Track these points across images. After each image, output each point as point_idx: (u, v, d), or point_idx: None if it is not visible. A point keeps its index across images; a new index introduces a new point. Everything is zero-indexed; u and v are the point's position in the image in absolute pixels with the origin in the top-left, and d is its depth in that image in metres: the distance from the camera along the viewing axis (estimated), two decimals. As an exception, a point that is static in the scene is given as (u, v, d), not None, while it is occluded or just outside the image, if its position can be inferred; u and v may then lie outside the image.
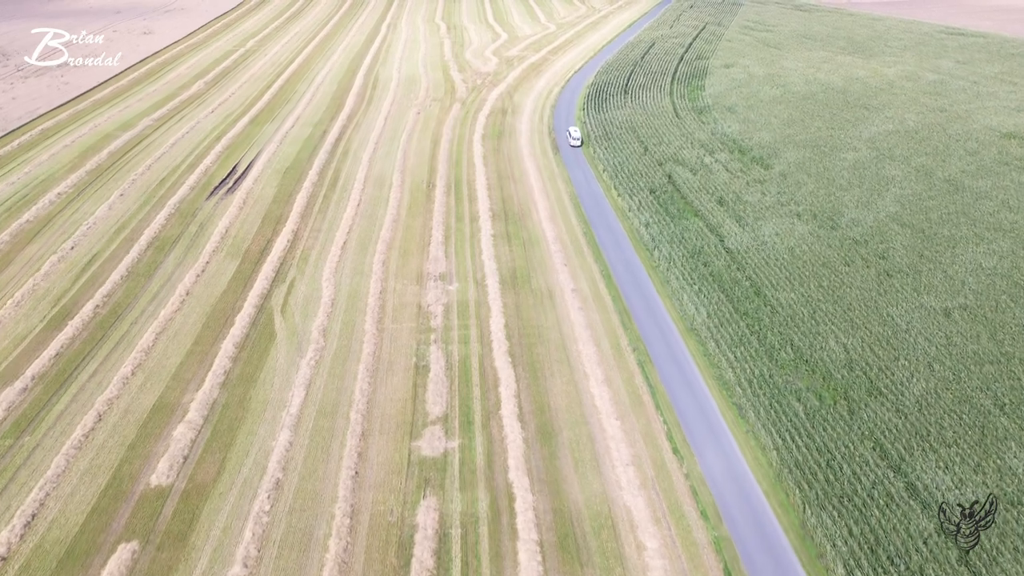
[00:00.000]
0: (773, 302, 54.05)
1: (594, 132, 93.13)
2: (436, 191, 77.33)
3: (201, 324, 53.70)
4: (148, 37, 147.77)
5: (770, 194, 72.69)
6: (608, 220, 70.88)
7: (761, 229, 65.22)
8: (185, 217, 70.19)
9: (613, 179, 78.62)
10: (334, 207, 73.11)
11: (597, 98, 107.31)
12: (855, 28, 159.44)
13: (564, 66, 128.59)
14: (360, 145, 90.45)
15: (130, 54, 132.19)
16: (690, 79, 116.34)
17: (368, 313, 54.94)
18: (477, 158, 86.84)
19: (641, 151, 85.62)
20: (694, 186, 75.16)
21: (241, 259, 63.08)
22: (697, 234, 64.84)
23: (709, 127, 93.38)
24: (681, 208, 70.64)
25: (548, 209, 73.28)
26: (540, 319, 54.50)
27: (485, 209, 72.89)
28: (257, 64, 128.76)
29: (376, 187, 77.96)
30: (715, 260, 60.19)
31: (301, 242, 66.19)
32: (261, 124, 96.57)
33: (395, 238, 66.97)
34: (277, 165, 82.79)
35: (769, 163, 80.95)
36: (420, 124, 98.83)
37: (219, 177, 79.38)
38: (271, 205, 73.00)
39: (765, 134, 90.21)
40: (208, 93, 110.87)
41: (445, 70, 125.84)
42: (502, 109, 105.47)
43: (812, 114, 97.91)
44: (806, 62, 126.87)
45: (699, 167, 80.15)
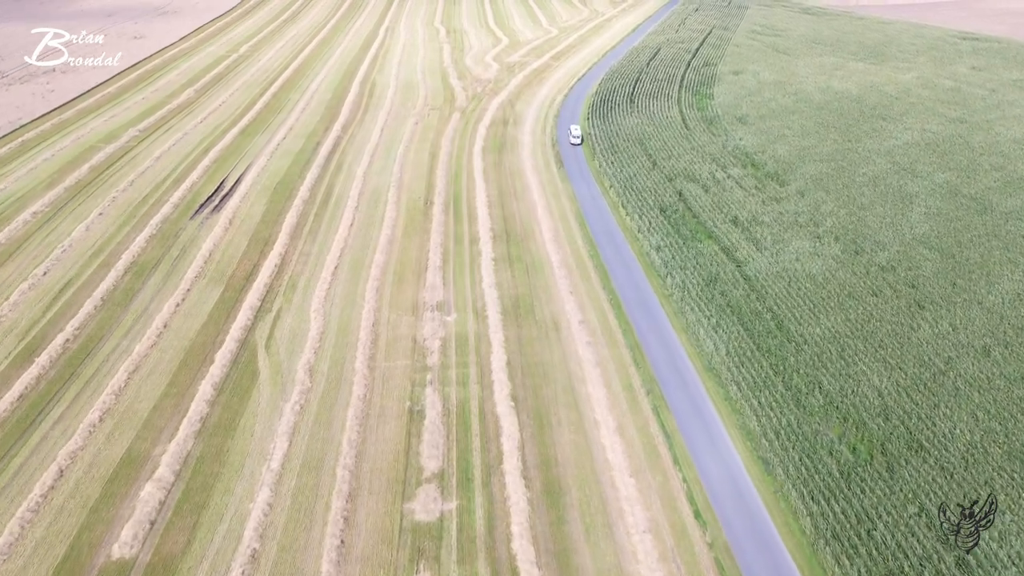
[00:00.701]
0: (797, 338, 49.93)
1: (600, 144, 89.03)
2: (434, 209, 73.22)
3: (178, 361, 49.59)
4: (139, 42, 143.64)
5: (788, 214, 68.56)
6: (616, 242, 66.76)
7: (780, 254, 61.10)
8: (167, 239, 66.08)
9: (620, 196, 74.50)
10: (325, 227, 69.01)
11: (602, 107, 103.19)
12: (865, 32, 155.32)
13: (567, 72, 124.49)
14: (354, 158, 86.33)
15: (119, 61, 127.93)
16: (698, 87, 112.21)
17: (359, 348, 50.83)
18: (477, 172, 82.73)
19: (649, 165, 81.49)
20: (707, 205, 71.03)
21: (224, 286, 58.98)
22: (712, 259, 60.72)
23: (720, 139, 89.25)
24: (694, 229, 66.51)
25: (552, 229, 69.18)
26: (545, 355, 50.40)
27: (486, 229, 68.79)
28: (250, 71, 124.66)
29: (370, 205, 73.84)
30: (732, 289, 56.06)
31: (289, 267, 62.09)
32: (252, 135, 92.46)
33: (390, 262, 62.86)
34: (267, 181, 78.66)
35: (785, 179, 76.81)
36: (418, 135, 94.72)
37: (205, 194, 75.24)
38: (259, 225, 68.88)
39: (779, 147, 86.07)
40: (198, 101, 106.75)
41: (444, 77, 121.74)
42: (503, 119, 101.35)
43: (827, 125, 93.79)
44: (818, 68, 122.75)
45: (711, 183, 76.01)
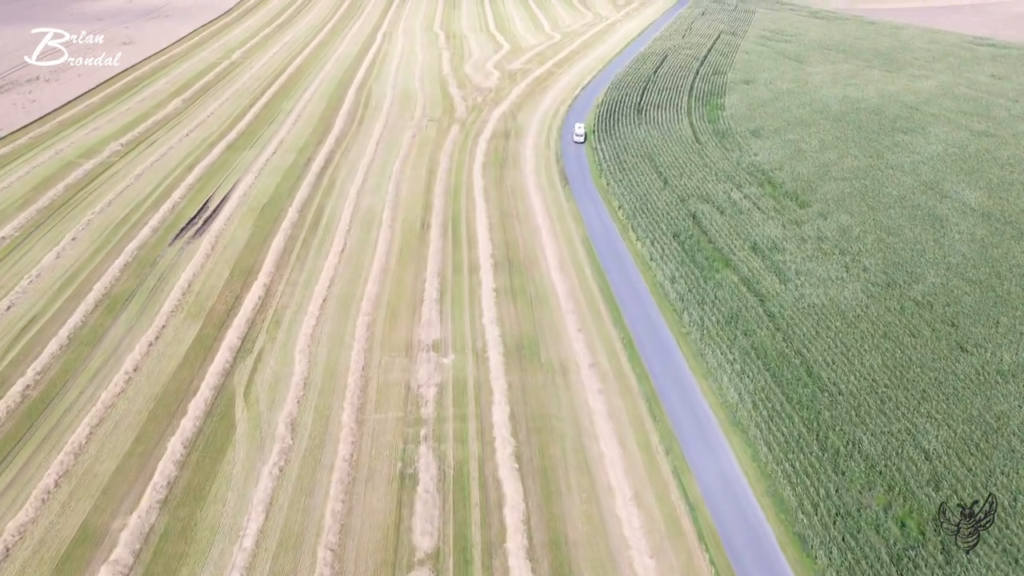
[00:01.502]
0: (830, 387, 45.23)
1: (607, 160, 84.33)
2: (431, 232, 68.55)
3: (147, 412, 44.95)
4: (128, 48, 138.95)
5: (810, 240, 63.86)
6: (627, 270, 62.07)
7: (805, 286, 56.39)
8: (143, 267, 61.42)
9: (630, 219, 69.81)
10: (314, 254, 64.34)
11: (608, 119, 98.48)
12: (878, 38, 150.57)
13: (571, 81, 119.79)
14: (348, 175, 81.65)
15: (106, 68, 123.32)
16: (708, 97, 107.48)
17: (347, 398, 46.18)
18: (477, 191, 78.05)
19: (660, 184, 76.77)
20: (723, 229, 66.33)
21: (203, 322, 54.33)
22: (732, 292, 56.01)
23: (734, 155, 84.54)
24: (710, 257, 61.81)
25: (558, 255, 64.50)
26: (552, 406, 45.73)
27: (486, 256, 64.12)
28: (242, 78, 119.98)
29: (363, 228, 69.15)
30: (756, 328, 51.35)
31: (274, 299, 57.43)
32: (240, 150, 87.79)
33: (383, 294, 58.19)
34: (253, 201, 73.98)
35: (805, 199, 72.11)
36: (415, 149, 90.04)
37: (187, 216, 70.57)
38: (243, 252, 64.20)
39: (797, 163, 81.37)
40: (185, 112, 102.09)
41: (443, 85, 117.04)
42: (504, 132, 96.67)
43: (846, 139, 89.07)
44: (832, 77, 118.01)
45: (727, 205, 71.31)
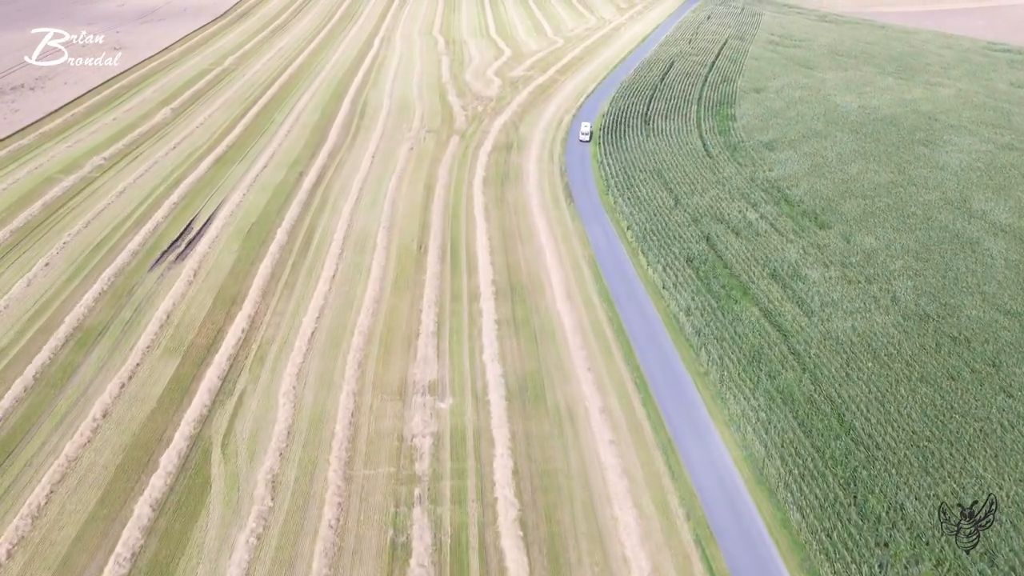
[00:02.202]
0: (866, 440, 41.09)
1: (613, 176, 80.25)
2: (429, 256, 64.47)
3: (114, 467, 40.90)
4: (118, 54, 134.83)
5: (834, 266, 59.72)
6: (638, 299, 57.94)
7: (831, 320, 52.25)
8: (120, 296, 57.34)
9: (640, 241, 65.68)
10: (304, 280, 60.25)
11: (614, 130, 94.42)
12: (890, 43, 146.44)
13: (575, 89, 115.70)
14: (341, 192, 77.57)
15: (93, 75, 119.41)
16: (718, 106, 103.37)
17: (334, 450, 42.09)
18: (478, 209, 73.94)
19: (671, 203, 72.63)
20: (740, 254, 62.20)
21: (181, 358, 50.28)
22: (753, 327, 51.86)
23: (747, 170, 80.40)
24: (728, 285, 57.68)
25: (564, 282, 60.38)
26: (560, 459, 41.61)
27: (487, 282, 60.03)
28: (234, 86, 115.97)
29: (357, 251, 65.07)
30: (781, 369, 47.21)
31: (259, 332, 53.34)
32: (228, 164, 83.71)
33: (376, 327, 54.10)
34: (241, 221, 69.88)
35: (825, 220, 67.96)
36: (412, 163, 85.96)
37: (169, 238, 66.50)
38: (227, 278, 60.11)
39: (814, 180, 77.21)
40: (173, 123, 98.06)
41: (442, 94, 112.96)
42: (506, 144, 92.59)
43: (864, 153, 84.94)
44: (845, 84, 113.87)
45: (742, 226, 67.18)
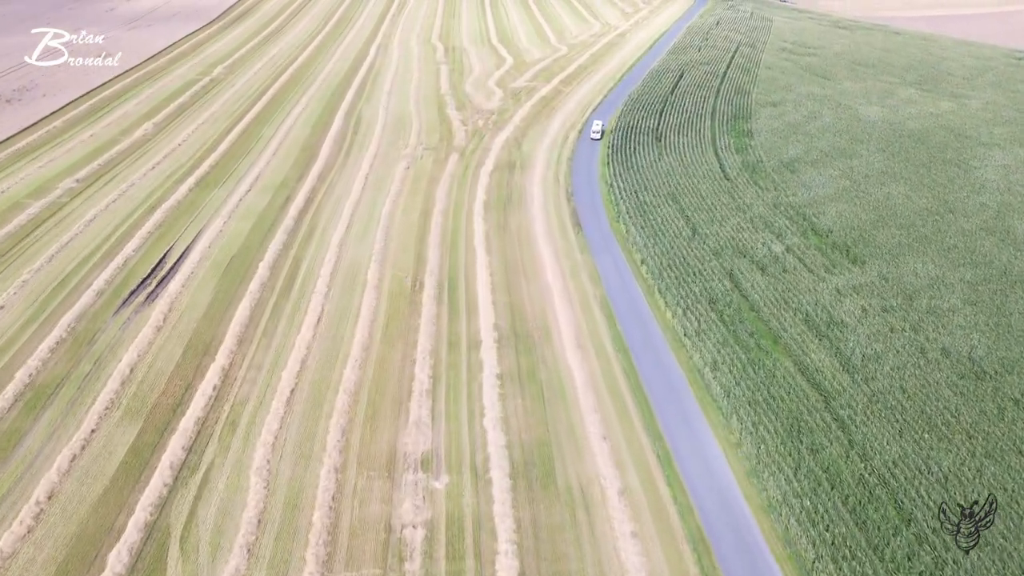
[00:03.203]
0: (931, 538, 35.15)
1: (624, 200, 74.39)
2: (424, 295, 58.62)
3: (55, 568, 35.08)
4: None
5: (873, 310, 53.79)
6: (657, 349, 52.06)
7: (876, 378, 46.35)
8: (80, 346, 51.49)
9: (656, 278, 59.82)
10: (285, 326, 54.39)
11: (624, 148, 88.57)
12: (908, 50, 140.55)
13: (580, 101, 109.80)
14: (330, 218, 71.69)
15: (74, 86, 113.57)
16: (733, 121, 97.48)
17: (311, 545, 36.26)
18: (478, 239, 68.05)
19: (688, 233, 66.75)
20: (767, 294, 56.31)
21: (143, 423, 44.48)
22: (789, 387, 45.95)
23: (769, 194, 74.48)
24: (756, 332, 51.78)
25: (573, 326, 54.51)
26: (574, 558, 35.73)
27: (488, 327, 54.19)
28: (221, 98, 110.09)
29: (345, 289, 59.22)
30: (825, 442, 41.30)
31: (233, 390, 47.51)
32: (210, 187, 77.84)
33: (363, 383, 48.25)
34: (219, 254, 64.00)
35: (858, 254, 62.05)
36: (408, 185, 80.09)
37: (140, 274, 60.64)
38: (201, 323, 54.25)
39: (842, 206, 71.30)
40: (154, 140, 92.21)
41: (441, 107, 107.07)
42: (509, 163, 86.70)
43: (893, 174, 79.04)
44: (865, 96, 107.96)
45: (768, 260, 61.30)
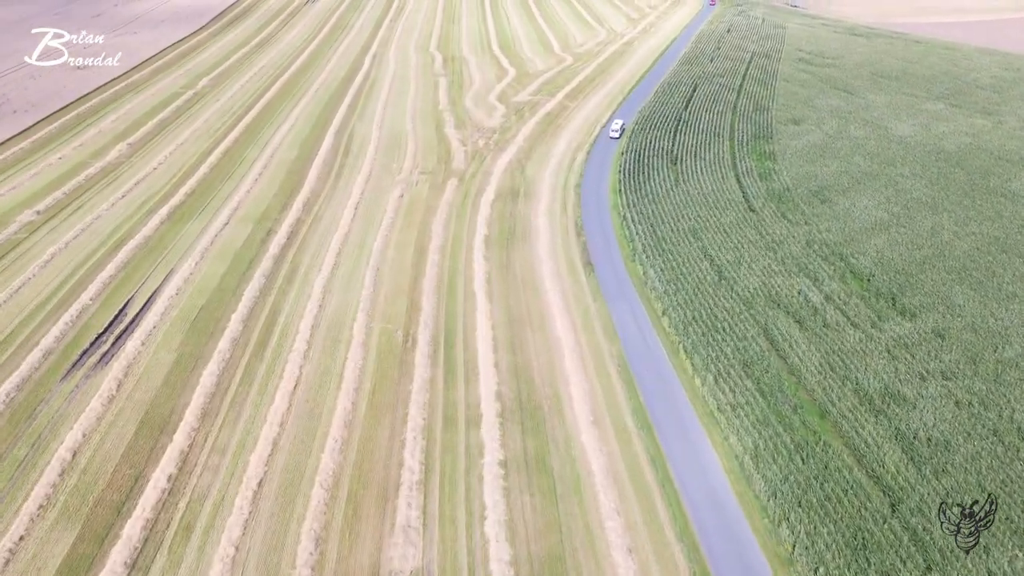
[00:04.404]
0: None
1: (640, 234, 67.39)
2: (417, 354, 51.61)
3: None
4: (81, 74, 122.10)
5: (933, 378, 46.71)
6: (686, 426, 44.96)
7: (948, 471, 39.27)
8: (17, 423, 44.50)
9: (680, 333, 52.78)
10: (257, 395, 47.38)
11: (636, 173, 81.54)
12: (930, 60, 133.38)
13: (588, 118, 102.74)
14: (315, 257, 64.68)
15: (49, 100, 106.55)
16: (753, 142, 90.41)
17: None
18: (478, 282, 61.02)
19: (714, 276, 59.72)
20: (809, 356, 49.24)
21: (81, 527, 37.68)
22: (845, 482, 38.89)
23: (800, 229, 67.42)
24: (801, 407, 44.74)
25: (588, 396, 47.47)
26: None
27: (490, 396, 47.20)
28: (204, 115, 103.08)
29: (327, 347, 52.19)
30: (898, 563, 34.18)
31: (191, 482, 40.55)
32: (184, 220, 70.83)
33: (343, 472, 41.27)
34: (187, 304, 56.96)
35: (907, 305, 54.96)
36: (402, 216, 73.04)
37: (95, 329, 53.64)
38: (159, 392, 47.25)
39: (881, 242, 64.25)
40: (129, 162, 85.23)
41: (439, 124, 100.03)
42: (512, 189, 79.65)
43: (933, 204, 71.96)
44: (892, 112, 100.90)
45: (806, 313, 54.24)
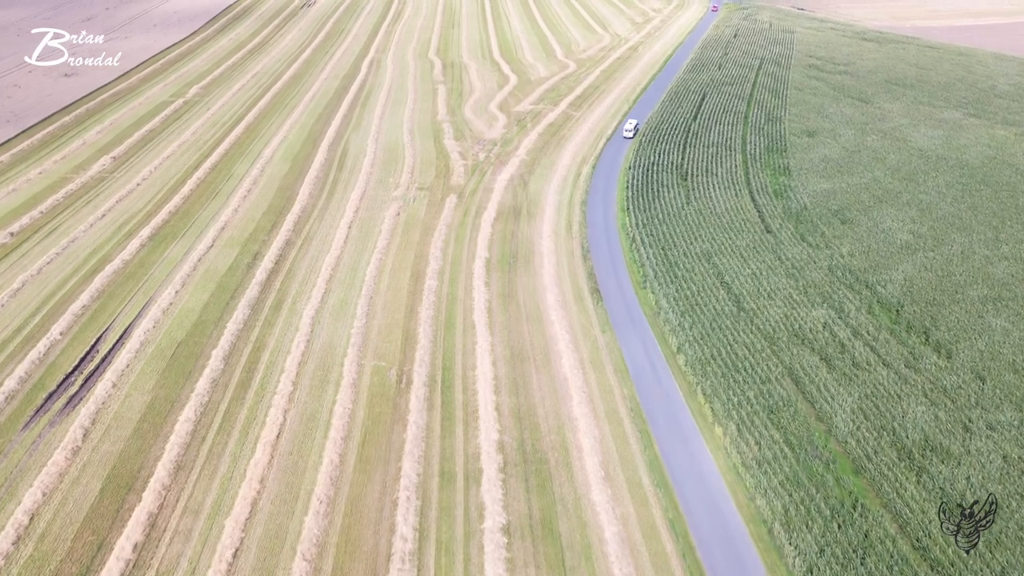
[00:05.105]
0: None
1: (650, 259, 63.35)
2: (411, 396, 47.51)
3: None
4: (68, 81, 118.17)
5: (978, 431, 42.56)
6: (708, 485, 40.78)
7: (1002, 542, 35.18)
8: (-31, 480, 40.50)
9: (698, 374, 48.69)
10: (236, 444, 43.28)
11: (645, 190, 77.47)
12: (945, 67, 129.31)
13: (592, 129, 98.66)
14: (304, 283, 60.60)
15: (29, 112, 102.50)
16: (767, 156, 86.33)
17: None
18: (479, 312, 56.91)
19: (732, 308, 55.61)
20: (840, 402, 45.10)
21: (34, 608, 33.46)
22: (890, 557, 34.71)
23: (821, 253, 63.33)
24: (834, 463, 40.59)
25: (598, 447, 43.37)
26: None
27: (491, 446, 43.13)
28: (192, 125, 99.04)
29: (315, 388, 48.09)
30: (955, 660, 30.14)
31: (158, 552, 36.47)
32: (166, 242, 66.80)
33: (328, 540, 37.17)
34: (165, 339, 52.88)
35: (942, 340, 50.84)
36: (398, 237, 68.97)
37: (63, 368, 49.56)
38: (130, 442, 43.16)
39: (909, 269, 60.16)
40: (111, 177, 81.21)
41: (437, 136, 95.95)
42: (514, 207, 75.56)
43: (961, 225, 67.87)
44: (910, 123, 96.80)
45: (833, 351, 50.11)
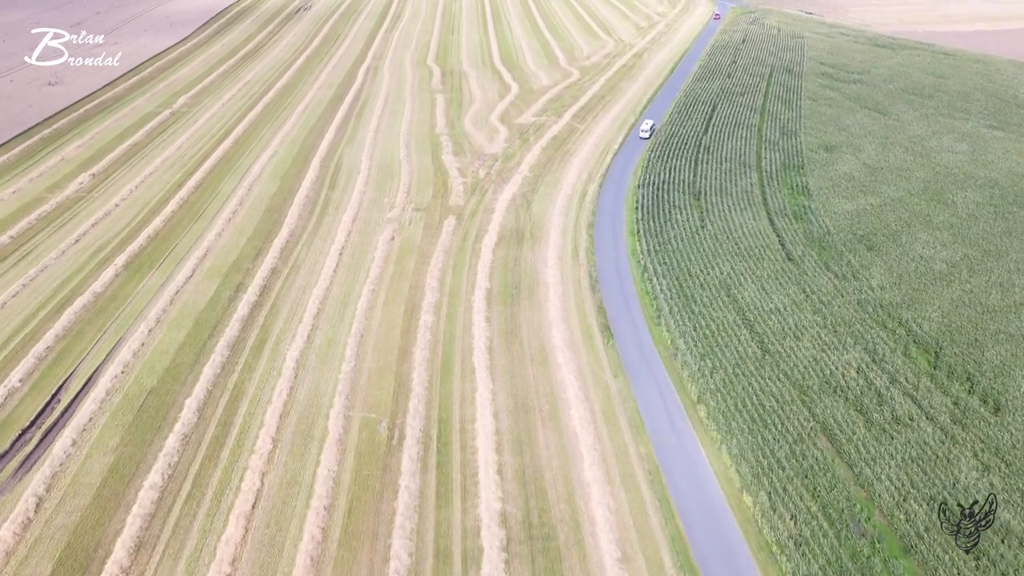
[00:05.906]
0: None
1: (664, 291, 58.62)
2: (404, 456, 42.76)
3: None
4: (52, 91, 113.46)
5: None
6: (739, 567, 36.04)
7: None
8: (-99, 564, 35.75)
9: (722, 430, 43.93)
10: (205, 517, 38.49)
11: (656, 212, 72.74)
12: (963, 75, 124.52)
13: (598, 143, 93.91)
14: (289, 320, 55.86)
15: (9, 124, 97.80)
16: (784, 174, 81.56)
17: None
18: (479, 354, 52.10)
19: (756, 351, 50.83)
20: (882, 466, 40.29)
21: None
22: (955, 671, 30.06)
23: (849, 286, 58.54)
24: (879, 539, 35.86)
25: (614, 519, 38.60)
26: None
27: (492, 519, 38.37)
28: (179, 139, 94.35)
29: (297, 446, 43.31)
30: None
31: (110, 655, 31.67)
32: (141, 272, 62.07)
33: (308, 641, 32.39)
34: (135, 385, 48.13)
35: (990, 390, 46.08)
36: (392, 265, 64.23)
37: (22, 420, 44.82)
38: (87, 514, 38.41)
39: (946, 304, 55.38)
40: (88, 198, 76.52)
41: (436, 150, 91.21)
42: (516, 231, 70.79)
43: (996, 251, 63.13)
44: (932, 136, 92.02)
45: (871, 403, 45.33)
